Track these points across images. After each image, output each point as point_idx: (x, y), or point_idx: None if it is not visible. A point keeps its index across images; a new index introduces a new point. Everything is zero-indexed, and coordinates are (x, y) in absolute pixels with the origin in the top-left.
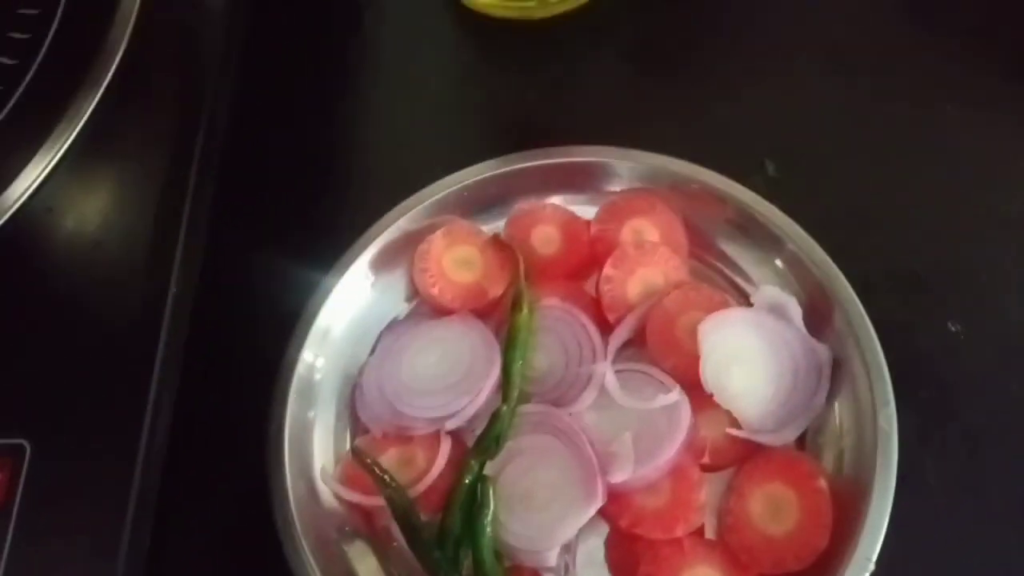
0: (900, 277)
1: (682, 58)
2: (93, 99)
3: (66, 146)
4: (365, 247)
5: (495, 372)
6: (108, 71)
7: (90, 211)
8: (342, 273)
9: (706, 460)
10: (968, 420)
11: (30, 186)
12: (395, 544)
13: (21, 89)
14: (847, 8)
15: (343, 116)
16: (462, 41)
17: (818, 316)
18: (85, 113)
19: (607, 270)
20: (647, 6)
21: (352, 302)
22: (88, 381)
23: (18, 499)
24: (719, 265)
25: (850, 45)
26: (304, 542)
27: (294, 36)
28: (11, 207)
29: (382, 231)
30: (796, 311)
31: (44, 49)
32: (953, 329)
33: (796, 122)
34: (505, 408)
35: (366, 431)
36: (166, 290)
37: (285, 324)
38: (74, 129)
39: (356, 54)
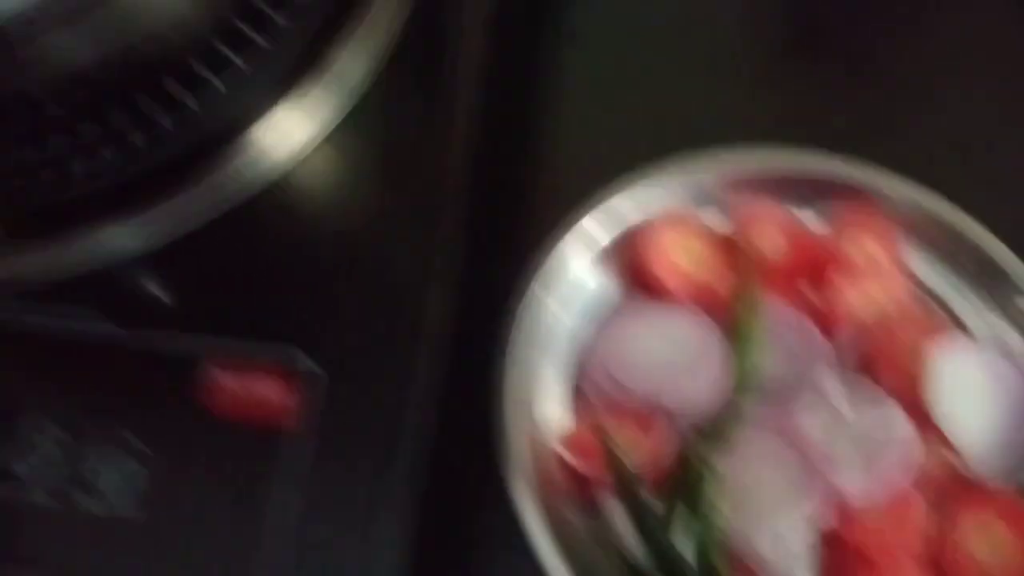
0: None
1: (904, 72)
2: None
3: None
4: (587, 219)
5: (723, 364)
6: (380, 50)
7: (359, 178)
8: (568, 241)
9: (920, 484)
10: None
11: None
12: (601, 516)
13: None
14: None
15: (579, 95)
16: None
17: None
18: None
19: (836, 280)
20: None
21: (576, 273)
22: (372, 320)
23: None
24: (938, 294)
25: None
26: (524, 483)
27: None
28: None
29: (605, 207)
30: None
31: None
32: None
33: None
34: (736, 401)
35: (586, 401)
36: (440, 244)
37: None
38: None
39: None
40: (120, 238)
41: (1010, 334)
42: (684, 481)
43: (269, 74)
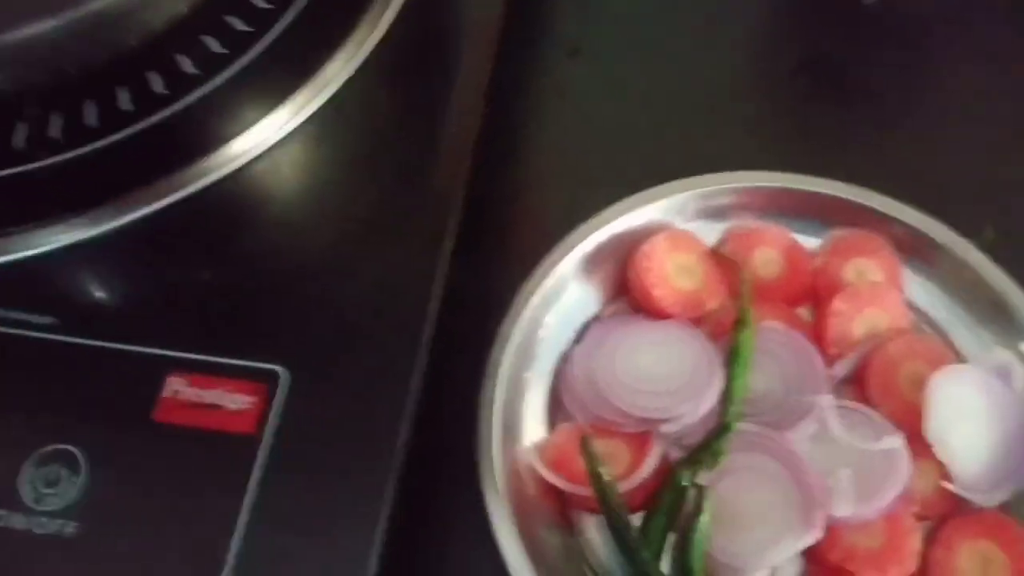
0: None
1: (907, 108)
2: (350, 67)
3: (314, 108)
4: (585, 236)
5: (717, 384)
6: (369, 40)
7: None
8: (563, 256)
9: (915, 508)
10: None
11: (275, 136)
12: (582, 536)
13: (273, 38)
14: None
15: (570, 116)
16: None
17: None
18: (340, 78)
19: (837, 304)
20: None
21: (565, 287)
22: (356, 325)
23: (268, 426)
24: (937, 321)
25: None
26: (499, 497)
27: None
28: (248, 153)
29: (603, 224)
30: (1021, 378)
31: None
32: None
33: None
34: (729, 424)
35: (567, 417)
36: (438, 250)
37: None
38: (323, 92)
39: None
40: (78, 229)
41: (1008, 359)
42: (669, 500)
43: (249, 71)
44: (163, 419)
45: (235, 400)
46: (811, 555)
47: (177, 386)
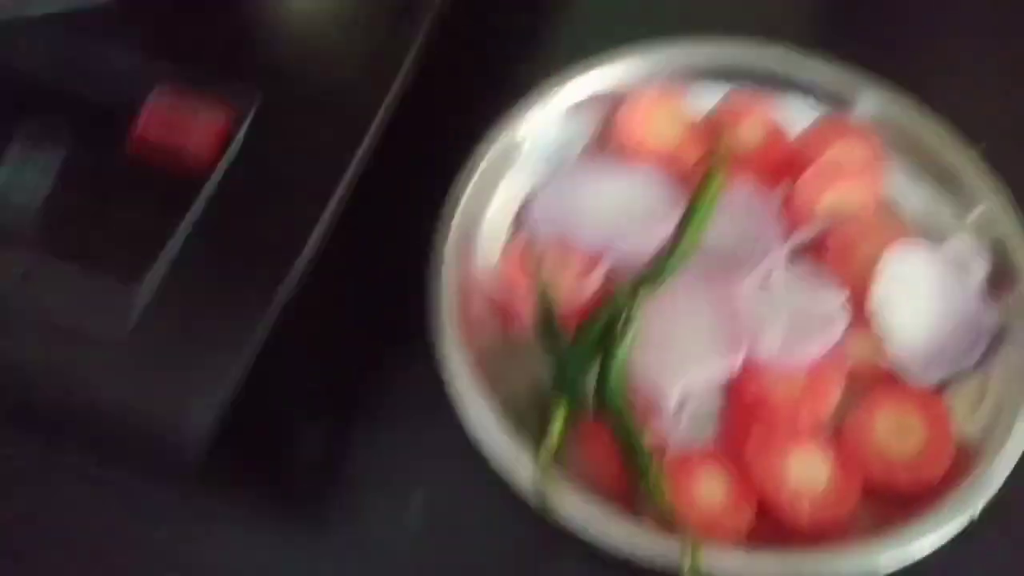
0: None
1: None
2: None
3: None
4: (578, 77)
5: (671, 223)
6: None
7: None
8: (552, 92)
9: (844, 367)
10: None
11: None
12: (522, 350)
13: None
14: None
15: None
16: None
17: (998, 282)
18: None
19: (806, 176)
20: None
21: (551, 125)
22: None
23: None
24: (906, 206)
25: None
26: (448, 311)
27: None
28: None
29: (596, 68)
30: (980, 270)
31: None
32: None
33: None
34: (672, 252)
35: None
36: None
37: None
38: None
39: None
40: None
41: (969, 248)
42: (603, 316)
43: None
44: (139, 137)
45: (203, 129)
46: (730, 393)
47: (158, 100)
